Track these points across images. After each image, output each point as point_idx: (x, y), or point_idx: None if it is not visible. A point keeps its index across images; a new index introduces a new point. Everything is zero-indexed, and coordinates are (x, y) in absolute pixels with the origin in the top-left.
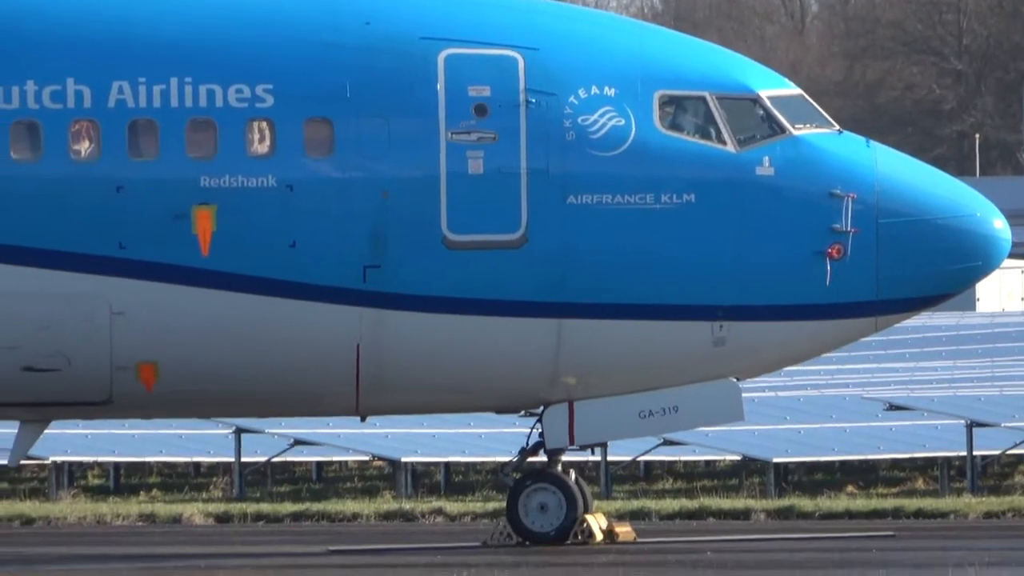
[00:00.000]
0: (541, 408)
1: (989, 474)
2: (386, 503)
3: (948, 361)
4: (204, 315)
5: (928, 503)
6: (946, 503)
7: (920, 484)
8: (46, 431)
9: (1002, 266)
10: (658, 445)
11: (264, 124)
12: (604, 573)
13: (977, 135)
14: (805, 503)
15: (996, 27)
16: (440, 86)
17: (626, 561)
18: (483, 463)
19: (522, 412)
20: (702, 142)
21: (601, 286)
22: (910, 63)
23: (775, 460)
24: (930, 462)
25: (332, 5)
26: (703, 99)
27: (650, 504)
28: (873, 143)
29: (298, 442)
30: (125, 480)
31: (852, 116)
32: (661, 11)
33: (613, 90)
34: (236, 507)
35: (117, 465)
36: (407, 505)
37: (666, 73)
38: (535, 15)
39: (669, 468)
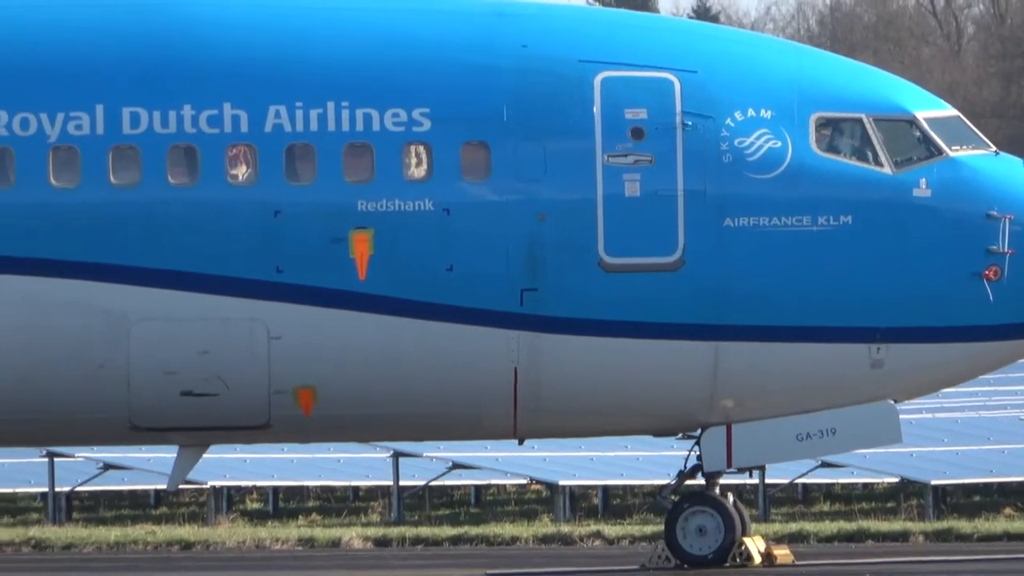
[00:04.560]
0: (699, 431)
1: None
2: (544, 526)
3: None
4: (361, 339)
5: None
6: None
7: None
8: (204, 455)
9: None
10: (816, 467)
11: (421, 148)
12: None
13: None
14: (963, 525)
15: None
16: (596, 109)
17: None
18: (641, 486)
19: (679, 435)
20: (859, 164)
21: (758, 308)
22: None
23: (933, 482)
24: None
25: (489, 27)
26: (860, 121)
27: (808, 527)
28: None
29: (456, 465)
30: (283, 504)
31: (1009, 137)
32: (817, 33)
33: (769, 112)
34: (394, 531)
35: (276, 489)
36: (565, 528)
37: (823, 95)
38: (691, 37)
39: (827, 491)
